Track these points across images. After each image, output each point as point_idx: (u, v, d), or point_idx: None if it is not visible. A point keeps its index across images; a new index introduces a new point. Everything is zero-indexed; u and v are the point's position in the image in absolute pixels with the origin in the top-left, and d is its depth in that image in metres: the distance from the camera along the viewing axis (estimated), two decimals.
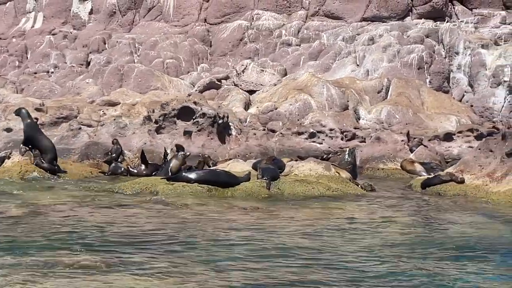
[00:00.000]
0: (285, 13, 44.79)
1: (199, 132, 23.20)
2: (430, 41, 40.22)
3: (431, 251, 10.64)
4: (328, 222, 13.12)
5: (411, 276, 9.02)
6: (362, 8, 43.86)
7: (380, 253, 10.40)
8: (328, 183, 17.13)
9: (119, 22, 46.25)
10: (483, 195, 17.05)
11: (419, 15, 43.37)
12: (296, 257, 9.84)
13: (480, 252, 10.76)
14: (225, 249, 10.17)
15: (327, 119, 29.75)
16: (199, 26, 44.37)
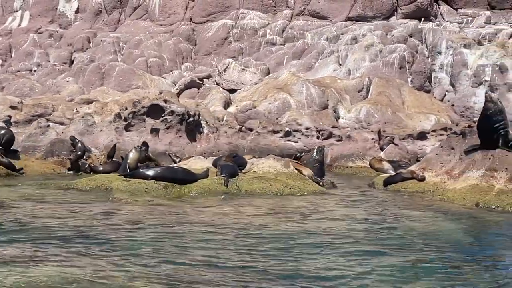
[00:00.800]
0: (270, 13, 44.89)
1: (168, 130, 23.23)
2: (414, 40, 40.31)
3: (358, 245, 10.69)
4: (272, 215, 13.17)
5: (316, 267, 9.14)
6: (347, 7, 43.99)
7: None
8: (286, 180, 17.14)
9: (105, 21, 46.35)
10: (440, 192, 17.05)
11: (404, 15, 43.52)
12: (209, 249, 9.93)
13: (411, 248, 10.79)
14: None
15: (304, 118, 29.76)
16: (184, 25, 44.47)
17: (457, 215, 14.61)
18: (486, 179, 16.58)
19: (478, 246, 11.54)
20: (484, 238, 12.37)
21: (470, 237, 12.35)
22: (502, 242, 12.07)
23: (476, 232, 12.88)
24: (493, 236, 12.62)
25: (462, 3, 45.00)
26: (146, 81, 36.53)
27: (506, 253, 11.19)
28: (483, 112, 17.30)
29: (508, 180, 16.25)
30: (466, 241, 11.90)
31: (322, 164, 21.76)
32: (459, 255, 10.61)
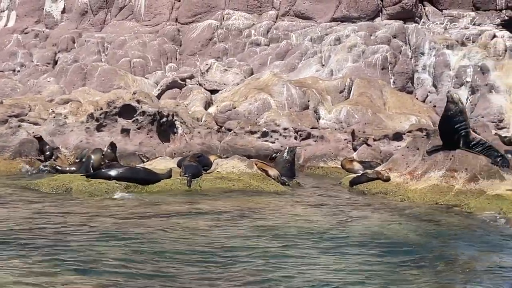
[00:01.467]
0: (255, 13, 44.89)
1: (139, 130, 23.28)
2: (397, 41, 40.34)
3: (303, 246, 10.79)
4: (223, 216, 13.24)
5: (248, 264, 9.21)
6: (332, 8, 43.98)
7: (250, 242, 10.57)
8: (249, 180, 17.24)
9: (91, 21, 46.34)
10: (402, 192, 17.17)
11: (389, 16, 43.51)
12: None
13: (356, 249, 10.89)
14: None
15: (282, 119, 29.82)
16: (169, 25, 44.48)
17: (412, 215, 14.73)
18: (447, 179, 16.72)
19: (426, 247, 11.62)
20: (435, 239, 12.42)
21: (419, 237, 12.44)
22: (452, 243, 12.17)
23: (427, 233, 12.94)
24: (445, 237, 12.68)
25: (447, 4, 44.98)
26: (128, 81, 36.56)
27: (454, 253, 11.28)
28: (444, 113, 17.44)
29: (467, 181, 16.38)
30: (414, 242, 11.98)
31: (293, 165, 21.90)
32: (404, 256, 10.70)
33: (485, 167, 16.50)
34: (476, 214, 14.96)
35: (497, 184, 16.19)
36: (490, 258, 10.93)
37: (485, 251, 11.52)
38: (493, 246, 11.98)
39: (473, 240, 12.53)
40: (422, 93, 37.91)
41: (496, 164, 16.56)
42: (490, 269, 10.17)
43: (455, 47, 39.04)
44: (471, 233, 13.04)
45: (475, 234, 12.98)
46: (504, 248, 11.73)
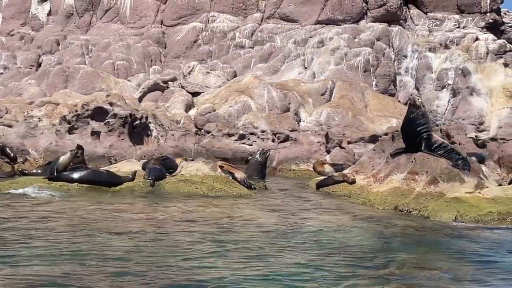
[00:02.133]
0: (241, 16, 44.97)
1: (110, 133, 23.31)
2: (381, 44, 40.45)
3: (250, 249, 10.81)
4: (177, 218, 13.29)
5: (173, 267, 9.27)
6: (317, 11, 44.05)
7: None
8: (212, 183, 17.27)
9: (76, 23, 46.39)
10: (364, 195, 17.23)
11: (373, 19, 43.57)
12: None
13: (301, 252, 10.91)
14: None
15: (260, 121, 29.88)
16: (154, 28, 44.54)
17: (370, 218, 14.75)
18: (408, 182, 16.76)
19: (373, 248, 11.63)
20: (384, 241, 12.45)
21: (369, 240, 12.47)
22: (400, 245, 12.20)
23: (378, 235, 12.97)
24: (395, 239, 12.71)
25: (431, 6, 45.06)
26: (110, 84, 36.61)
27: (398, 254, 11.30)
28: (406, 115, 17.50)
29: (427, 183, 16.43)
30: (362, 243, 12.02)
31: (264, 167, 22.02)
32: (346, 258, 10.73)
33: (445, 169, 16.55)
34: (433, 217, 15.00)
35: (457, 187, 16.23)
36: (432, 260, 11.00)
37: (430, 253, 11.58)
38: (438, 248, 12.04)
39: (422, 242, 12.61)
40: (404, 96, 37.97)
41: (457, 167, 16.60)
42: (429, 270, 10.23)
43: (437, 50, 39.17)
44: (421, 236, 13.10)
45: (425, 236, 13.04)
46: (449, 251, 11.77)
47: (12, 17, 48.36)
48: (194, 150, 25.08)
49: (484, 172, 17.70)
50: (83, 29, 46.21)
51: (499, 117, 34.11)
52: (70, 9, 46.57)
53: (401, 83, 39.06)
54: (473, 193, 15.85)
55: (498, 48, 41.62)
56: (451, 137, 26.01)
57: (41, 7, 47.60)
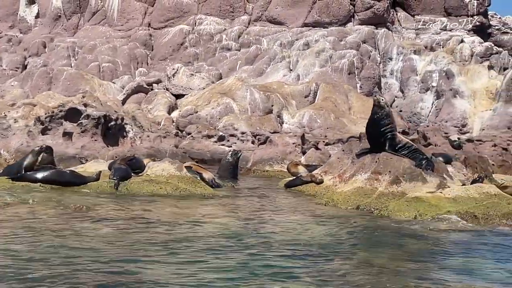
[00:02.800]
0: (228, 18, 45.03)
1: (83, 134, 23.31)
2: (367, 46, 40.49)
3: (200, 250, 10.80)
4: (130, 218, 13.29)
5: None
6: (304, 13, 44.10)
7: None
8: (177, 183, 17.26)
9: (64, 26, 46.45)
10: (329, 195, 17.20)
11: (360, 21, 43.62)
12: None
13: (251, 252, 10.87)
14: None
15: (240, 123, 29.89)
16: (142, 30, 44.57)
17: (329, 218, 14.74)
18: (371, 182, 16.76)
19: (326, 248, 11.60)
20: (337, 241, 12.41)
21: (323, 239, 12.44)
22: (355, 245, 12.18)
23: (334, 235, 12.94)
24: (351, 239, 12.69)
25: (419, 9, 45.10)
26: (94, 86, 36.61)
27: (348, 255, 11.29)
28: (371, 116, 17.49)
29: (389, 183, 16.43)
30: (316, 243, 12.00)
31: (235, 167, 22.03)
32: (291, 259, 10.69)
33: (408, 169, 16.55)
34: (392, 217, 15.00)
35: (419, 186, 16.24)
36: (380, 258, 11.00)
37: (381, 252, 11.57)
38: (391, 246, 12.05)
39: (375, 241, 12.60)
40: (389, 98, 37.96)
41: (420, 167, 16.59)
42: (373, 267, 10.26)
43: (422, 52, 39.21)
44: (375, 235, 13.10)
45: (379, 235, 13.03)
46: (401, 249, 11.79)
47: (0, 20, 48.41)
48: (169, 151, 25.07)
49: (449, 172, 17.68)
50: (71, 31, 46.26)
51: (482, 119, 34.17)
52: (58, 12, 46.64)
53: (386, 86, 39.11)
54: (435, 193, 15.85)
55: (484, 51, 41.65)
56: (427, 139, 26.02)
57: (29, 10, 47.66)
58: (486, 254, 11.61)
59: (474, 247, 12.20)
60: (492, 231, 13.81)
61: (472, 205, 15.17)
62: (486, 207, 15.08)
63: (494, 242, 12.68)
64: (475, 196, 15.67)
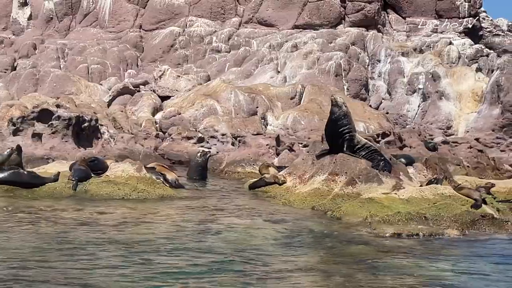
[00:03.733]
0: (219, 20, 45.05)
1: (53, 135, 23.34)
2: (355, 48, 40.48)
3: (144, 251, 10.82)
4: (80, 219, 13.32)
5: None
6: (295, 15, 44.09)
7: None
8: (136, 184, 17.24)
9: (56, 27, 46.52)
10: (288, 196, 17.18)
11: (351, 23, 43.61)
12: None
13: (187, 254, 10.89)
14: None
15: (221, 124, 29.86)
16: (133, 32, 44.62)
17: (281, 219, 14.76)
18: (328, 183, 16.76)
19: (260, 250, 11.61)
20: (280, 242, 12.41)
21: (263, 240, 12.45)
22: (294, 247, 12.15)
23: (278, 237, 12.91)
24: (294, 241, 12.66)
25: (410, 11, 44.97)
26: (80, 87, 36.66)
27: (287, 257, 11.26)
28: (329, 116, 17.48)
29: (345, 184, 16.42)
30: (254, 244, 12.02)
31: (204, 168, 22.03)
32: (227, 259, 10.71)
33: (364, 170, 16.52)
34: (344, 218, 14.96)
35: (374, 187, 16.22)
36: (317, 261, 11.02)
37: (321, 254, 11.57)
38: (332, 249, 12.10)
39: (319, 243, 12.61)
40: (376, 100, 37.99)
41: (377, 168, 16.56)
42: (307, 271, 10.28)
43: (410, 54, 39.10)
44: (320, 237, 13.07)
45: (324, 238, 13.01)
46: (342, 252, 11.78)
47: None
48: (143, 152, 25.06)
49: (409, 174, 17.64)
50: (62, 33, 46.33)
51: (467, 121, 34.08)
52: (50, 13, 46.71)
53: (374, 88, 39.01)
54: (389, 194, 15.80)
55: (475, 53, 41.59)
56: (403, 140, 25.95)
57: (21, 12, 47.73)
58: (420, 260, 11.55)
59: (413, 252, 12.14)
60: (436, 235, 13.73)
61: (424, 206, 15.12)
62: (438, 208, 15.04)
63: (433, 247, 12.66)
64: (429, 197, 15.63)
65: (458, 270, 10.78)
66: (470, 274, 10.60)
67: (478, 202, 15.63)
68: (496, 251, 12.66)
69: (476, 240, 13.49)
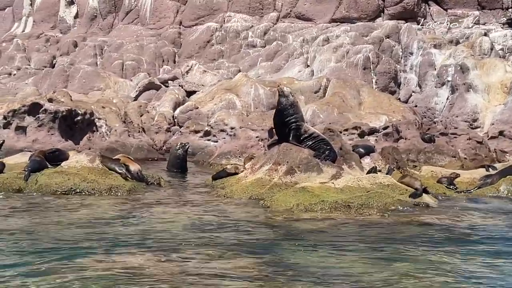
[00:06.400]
0: (257, 15, 45.04)
1: (39, 128, 23.72)
2: (390, 41, 39.81)
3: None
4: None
5: None
6: (332, 9, 43.73)
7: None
8: (86, 174, 17.34)
9: (100, 25, 47.42)
10: (232, 187, 17.08)
11: (390, 16, 42.96)
12: None
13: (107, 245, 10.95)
14: None
15: (231, 118, 29.83)
16: (172, 28, 45.04)
17: (212, 210, 14.66)
18: (270, 172, 16.61)
19: (171, 238, 11.58)
20: (194, 230, 12.36)
21: (177, 229, 12.37)
22: (214, 236, 12.05)
23: (201, 226, 12.84)
24: (207, 230, 12.55)
25: (452, 3, 43.96)
26: (109, 83, 37.26)
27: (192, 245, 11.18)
28: (276, 106, 17.27)
29: (284, 174, 16.20)
30: (165, 232, 12.02)
31: (183, 160, 22.01)
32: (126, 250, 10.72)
33: (304, 160, 16.29)
34: (274, 207, 14.80)
35: (313, 177, 15.98)
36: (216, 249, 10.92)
37: (226, 243, 11.42)
38: (238, 232, 12.13)
39: (226, 228, 12.54)
40: (405, 93, 37.31)
41: (318, 157, 16.28)
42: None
43: (443, 46, 38.17)
44: (232, 226, 12.95)
45: (237, 227, 12.90)
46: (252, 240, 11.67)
47: (42, 21, 49.80)
48: (135, 145, 25.20)
49: (361, 163, 17.28)
50: (106, 31, 47.19)
51: (494, 114, 33.14)
52: (94, 12, 47.63)
53: (405, 81, 38.27)
54: (327, 183, 15.55)
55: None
56: (399, 132, 25.43)
57: (68, 10, 48.80)
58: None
59: (320, 237, 11.96)
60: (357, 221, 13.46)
61: (356, 195, 14.83)
62: (368, 197, 14.76)
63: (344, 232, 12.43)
64: (366, 186, 15.38)
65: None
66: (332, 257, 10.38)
67: (418, 191, 15.36)
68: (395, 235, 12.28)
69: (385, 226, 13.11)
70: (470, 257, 10.57)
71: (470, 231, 12.64)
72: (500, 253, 10.88)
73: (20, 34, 49.00)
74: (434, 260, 10.26)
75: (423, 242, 11.51)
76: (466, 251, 10.97)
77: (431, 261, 10.19)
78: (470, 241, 11.76)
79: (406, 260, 10.22)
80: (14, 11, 51.63)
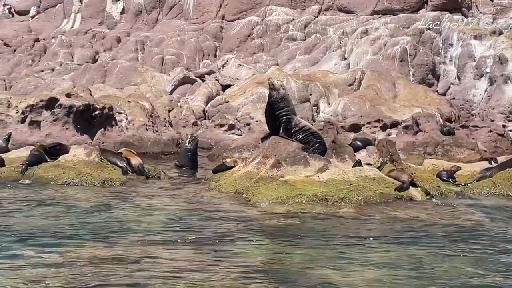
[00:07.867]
0: (299, 8, 44.88)
1: (55, 122, 23.99)
2: (430, 33, 39.20)
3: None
4: None
5: None
6: (374, 1, 43.27)
7: None
8: (82, 168, 17.48)
9: (144, 21, 47.90)
10: (221, 180, 17.02)
11: (434, 7, 42.29)
12: None
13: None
14: None
15: (257, 112, 29.74)
16: (214, 23, 45.17)
17: (195, 202, 14.66)
18: (259, 166, 16.48)
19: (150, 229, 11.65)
20: (168, 222, 12.41)
21: (164, 223, 12.42)
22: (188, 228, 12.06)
23: (180, 218, 12.86)
24: (179, 223, 12.54)
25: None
26: (146, 78, 37.57)
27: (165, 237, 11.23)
28: (268, 99, 17.12)
29: (271, 167, 16.06)
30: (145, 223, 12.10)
31: (194, 154, 21.92)
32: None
33: (292, 153, 16.10)
34: (253, 200, 14.70)
35: (299, 170, 15.79)
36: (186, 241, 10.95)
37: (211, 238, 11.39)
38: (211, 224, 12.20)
39: (199, 221, 12.54)
40: (444, 85, 36.66)
41: (306, 150, 16.09)
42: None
43: (483, 37, 37.29)
44: (210, 214, 12.99)
45: (211, 214, 12.93)
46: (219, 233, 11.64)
47: (90, 17, 50.55)
48: (152, 139, 25.27)
49: (354, 156, 17.03)
50: (150, 26, 47.62)
51: None
52: (140, 7, 48.11)
53: (444, 72, 37.56)
54: (312, 176, 15.36)
55: None
56: (419, 125, 24.98)
57: (115, 6, 49.40)
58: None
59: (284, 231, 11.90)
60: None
61: (338, 188, 14.63)
62: (350, 190, 14.56)
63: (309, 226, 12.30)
64: (351, 179, 15.13)
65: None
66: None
67: (404, 184, 15.07)
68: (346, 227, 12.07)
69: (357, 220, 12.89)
70: (414, 251, 10.33)
71: (431, 227, 12.30)
72: (446, 248, 10.62)
73: (68, 30, 49.80)
74: (369, 254, 10.10)
75: (376, 238, 11.28)
76: (418, 246, 10.72)
77: (367, 255, 10.02)
78: (426, 237, 11.47)
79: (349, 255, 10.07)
80: (65, 7, 52.46)
